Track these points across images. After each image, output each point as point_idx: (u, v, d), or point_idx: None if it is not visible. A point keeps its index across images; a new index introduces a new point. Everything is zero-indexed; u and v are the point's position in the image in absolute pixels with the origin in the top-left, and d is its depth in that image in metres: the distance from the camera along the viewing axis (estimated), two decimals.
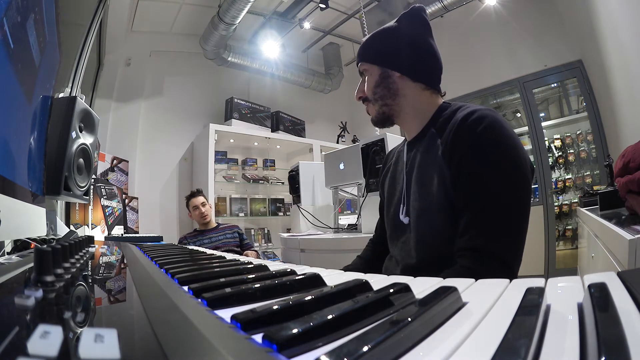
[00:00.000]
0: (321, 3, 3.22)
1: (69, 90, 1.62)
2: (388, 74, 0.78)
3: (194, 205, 2.66)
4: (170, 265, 0.54)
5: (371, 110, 0.82)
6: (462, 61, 3.83)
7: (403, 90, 0.78)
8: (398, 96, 0.79)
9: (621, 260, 0.80)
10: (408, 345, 0.20)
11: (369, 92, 0.81)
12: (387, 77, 0.78)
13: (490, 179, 0.64)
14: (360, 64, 0.84)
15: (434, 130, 0.75)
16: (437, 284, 0.37)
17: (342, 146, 4.25)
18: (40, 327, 0.17)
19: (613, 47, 2.16)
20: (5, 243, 0.81)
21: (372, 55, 0.81)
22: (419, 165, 0.76)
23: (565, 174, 3.52)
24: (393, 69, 0.78)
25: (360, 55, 0.84)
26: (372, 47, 0.82)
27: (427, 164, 0.74)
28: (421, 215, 0.73)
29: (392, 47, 0.79)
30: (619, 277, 0.29)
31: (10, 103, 0.67)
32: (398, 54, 0.78)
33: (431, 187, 0.71)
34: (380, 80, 0.79)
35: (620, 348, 0.15)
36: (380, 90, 0.79)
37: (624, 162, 1.08)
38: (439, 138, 0.73)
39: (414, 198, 0.76)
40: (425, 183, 0.73)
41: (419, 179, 0.75)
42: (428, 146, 0.75)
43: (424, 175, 0.74)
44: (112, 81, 3.33)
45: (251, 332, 0.23)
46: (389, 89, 0.78)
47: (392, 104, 0.79)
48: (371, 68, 0.81)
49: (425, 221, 0.73)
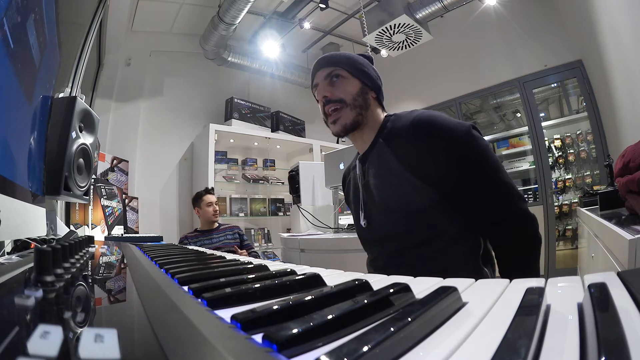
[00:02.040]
0: (321, 3, 3.22)
1: (69, 90, 1.62)
2: (366, 91, 0.91)
3: (209, 202, 2.58)
4: (170, 265, 0.54)
5: (346, 115, 0.89)
6: (462, 61, 3.83)
7: (372, 107, 0.92)
8: (368, 110, 0.91)
9: (621, 260, 0.80)
10: (408, 345, 0.20)
11: (348, 97, 0.88)
12: (366, 93, 0.90)
13: (474, 162, 0.79)
14: (336, 69, 0.90)
15: (381, 141, 0.88)
16: (437, 284, 0.37)
17: (342, 146, 4.23)
18: (40, 327, 0.17)
19: (613, 47, 2.16)
20: (5, 243, 0.81)
21: (354, 70, 0.90)
22: (375, 172, 0.89)
23: (565, 174, 3.52)
24: (370, 89, 0.92)
25: (338, 62, 0.91)
26: (353, 63, 0.91)
27: (382, 171, 0.87)
28: (381, 218, 0.89)
29: (369, 72, 0.93)
30: (619, 277, 0.29)
31: (10, 103, 0.67)
32: (374, 79, 0.93)
33: (388, 192, 0.86)
34: (360, 93, 0.89)
35: (620, 348, 0.15)
36: (360, 101, 0.89)
37: (624, 162, 1.08)
38: (388, 146, 0.87)
39: (374, 202, 0.89)
40: (384, 183, 0.86)
41: (377, 184, 0.88)
42: (380, 155, 0.88)
43: (382, 182, 0.87)
44: (112, 81, 3.33)
45: (251, 332, 0.23)
46: (366, 102, 0.90)
47: (364, 115, 0.89)
48: (351, 79, 0.90)
49: (386, 223, 0.88)
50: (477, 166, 0.78)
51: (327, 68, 0.90)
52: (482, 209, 0.80)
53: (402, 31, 3.24)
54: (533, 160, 3.39)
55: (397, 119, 0.90)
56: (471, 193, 0.79)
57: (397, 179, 0.83)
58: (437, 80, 4.01)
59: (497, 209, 0.79)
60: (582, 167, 3.39)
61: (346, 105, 0.88)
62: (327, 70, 0.90)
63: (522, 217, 0.79)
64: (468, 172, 0.78)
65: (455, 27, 3.77)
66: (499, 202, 0.79)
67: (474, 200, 0.79)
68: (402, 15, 3.09)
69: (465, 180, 0.78)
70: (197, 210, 2.65)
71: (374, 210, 0.90)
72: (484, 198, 0.79)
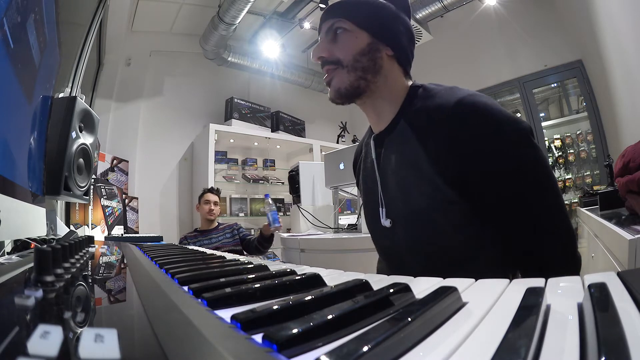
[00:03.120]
0: (321, 3, 3.22)
1: (69, 90, 1.62)
2: (378, 48, 0.69)
3: (206, 200, 2.64)
4: (170, 265, 0.54)
5: (341, 78, 0.69)
6: (462, 61, 3.83)
7: (386, 70, 0.70)
8: (380, 74, 0.69)
9: (621, 260, 0.80)
10: (408, 345, 0.20)
11: (348, 57, 0.68)
12: (377, 51, 0.69)
13: (539, 181, 0.60)
14: (338, 20, 0.70)
15: (404, 122, 0.68)
16: (437, 284, 0.37)
17: (342, 146, 4.25)
18: (40, 327, 0.17)
19: (613, 47, 2.16)
20: (5, 243, 0.81)
21: (363, 20, 0.69)
22: (396, 166, 0.69)
23: (566, 174, 3.52)
24: (386, 44, 0.69)
25: (342, 11, 0.70)
26: (363, 10, 0.69)
27: (404, 166, 0.68)
28: (411, 221, 0.68)
29: (388, 21, 0.70)
30: (619, 277, 0.29)
31: (10, 103, 0.67)
32: (395, 32, 0.70)
33: (417, 200, 0.66)
34: (368, 50, 0.68)
35: (620, 348, 0.15)
36: (366, 61, 0.68)
37: (624, 162, 1.08)
38: (414, 134, 0.66)
39: (398, 201, 0.70)
40: (407, 192, 0.67)
41: (399, 182, 0.69)
42: (402, 142, 0.68)
43: (404, 182, 0.68)
44: (112, 81, 3.33)
45: (251, 332, 0.23)
46: (375, 63, 0.68)
47: (371, 80, 0.69)
48: (357, 32, 0.69)
49: (418, 226, 0.67)
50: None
51: (331, 20, 0.71)
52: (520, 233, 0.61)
53: None
54: None
55: (429, 94, 0.68)
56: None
57: (425, 185, 0.64)
58: (437, 80, 3.93)
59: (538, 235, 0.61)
60: (582, 167, 3.38)
61: (336, 65, 0.69)
62: (329, 23, 0.71)
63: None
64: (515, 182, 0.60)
65: (455, 27, 3.77)
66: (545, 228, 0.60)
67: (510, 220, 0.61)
68: None
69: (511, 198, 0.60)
70: (197, 206, 2.74)
71: (397, 209, 0.70)
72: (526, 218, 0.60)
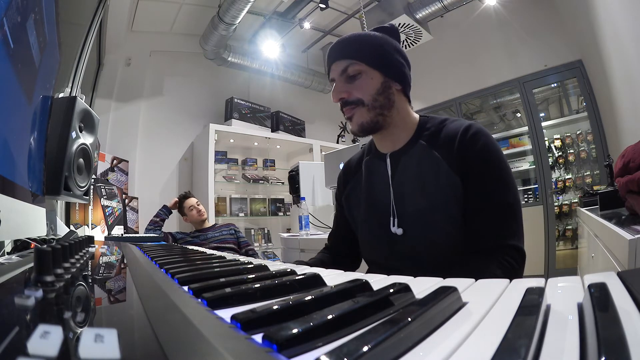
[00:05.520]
0: (321, 3, 3.22)
1: (69, 90, 1.62)
2: (390, 85, 0.78)
3: (190, 206, 2.61)
4: (170, 265, 0.54)
5: (361, 116, 0.77)
6: (462, 61, 3.83)
7: (397, 103, 0.79)
8: (393, 108, 0.79)
9: (621, 260, 0.80)
10: (408, 345, 0.20)
11: (367, 97, 0.76)
12: (389, 88, 0.77)
13: (502, 187, 0.72)
14: (352, 63, 0.77)
15: (423, 142, 0.78)
16: (437, 284, 0.37)
17: (342, 146, 4.24)
18: (40, 327, 0.17)
19: (613, 47, 2.16)
20: (5, 243, 0.81)
21: (373, 60, 0.77)
22: (415, 175, 0.77)
23: (565, 174, 3.52)
24: (395, 80, 0.78)
25: (353, 52, 0.77)
26: (371, 49, 0.77)
27: (425, 174, 0.76)
28: (426, 225, 0.75)
29: (393, 58, 0.78)
30: (619, 277, 0.29)
31: (10, 103, 0.67)
32: (399, 67, 0.79)
33: (435, 197, 0.74)
34: (382, 89, 0.77)
35: (620, 348, 0.15)
36: (382, 99, 0.77)
37: (624, 162, 1.08)
38: (433, 150, 0.76)
39: (413, 209, 0.77)
40: (428, 193, 0.75)
41: (418, 188, 0.76)
42: (421, 157, 0.77)
43: (425, 185, 0.75)
44: (112, 81, 3.33)
45: (251, 332, 0.23)
46: (389, 99, 0.78)
47: (387, 115, 0.78)
48: (371, 72, 0.77)
49: (432, 229, 0.75)
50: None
51: (343, 61, 0.78)
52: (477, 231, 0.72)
53: (402, 31, 3.24)
54: (533, 160, 3.39)
55: (438, 121, 0.80)
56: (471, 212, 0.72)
57: (450, 188, 0.72)
58: (437, 80, 4.00)
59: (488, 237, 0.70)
60: (582, 167, 3.39)
61: (357, 105, 0.77)
62: (343, 64, 0.77)
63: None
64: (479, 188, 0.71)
65: (455, 27, 3.77)
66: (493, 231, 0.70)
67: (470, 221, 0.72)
68: (402, 15, 3.09)
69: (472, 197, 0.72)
70: (184, 218, 2.69)
71: (410, 217, 0.77)
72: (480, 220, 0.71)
